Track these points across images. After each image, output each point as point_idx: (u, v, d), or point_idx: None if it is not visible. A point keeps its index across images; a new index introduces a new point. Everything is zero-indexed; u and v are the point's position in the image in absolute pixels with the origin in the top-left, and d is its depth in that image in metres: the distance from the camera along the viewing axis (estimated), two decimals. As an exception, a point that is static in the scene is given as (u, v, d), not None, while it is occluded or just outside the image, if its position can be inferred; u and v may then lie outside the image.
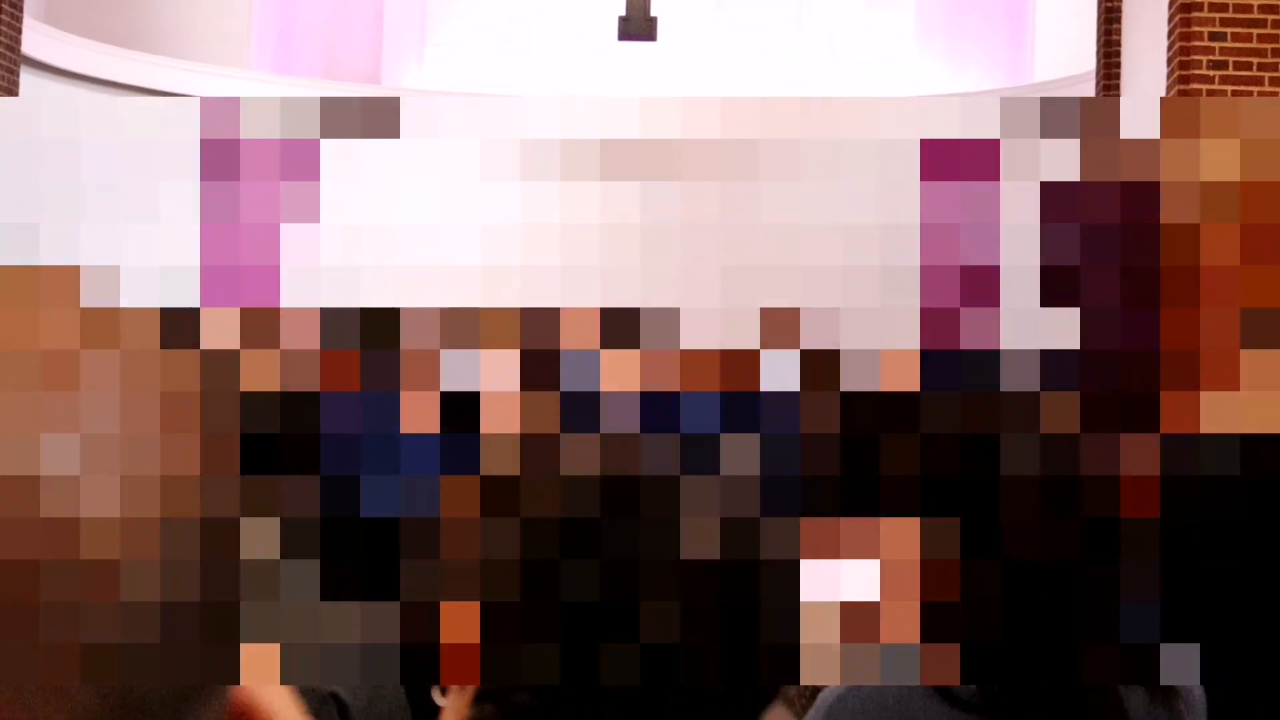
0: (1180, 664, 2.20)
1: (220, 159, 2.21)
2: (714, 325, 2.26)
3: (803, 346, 2.27)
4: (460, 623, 2.10)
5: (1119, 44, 14.94)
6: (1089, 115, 2.28)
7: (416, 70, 17.63)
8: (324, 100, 2.23)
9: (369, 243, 2.21)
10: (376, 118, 2.22)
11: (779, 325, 2.27)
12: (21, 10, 14.44)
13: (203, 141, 2.21)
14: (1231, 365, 2.26)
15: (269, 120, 2.22)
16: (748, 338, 2.26)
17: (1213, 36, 12.00)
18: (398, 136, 2.21)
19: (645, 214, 2.25)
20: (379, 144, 2.22)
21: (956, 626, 2.19)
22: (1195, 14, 12.00)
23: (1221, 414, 2.27)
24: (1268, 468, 2.27)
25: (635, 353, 2.23)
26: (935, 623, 2.18)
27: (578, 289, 2.25)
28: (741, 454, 2.22)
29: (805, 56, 17.61)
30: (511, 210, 2.24)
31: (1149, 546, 2.19)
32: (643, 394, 2.23)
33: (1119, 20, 14.99)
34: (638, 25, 16.64)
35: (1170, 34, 12.30)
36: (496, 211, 2.24)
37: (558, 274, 2.24)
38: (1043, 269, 2.28)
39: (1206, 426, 2.27)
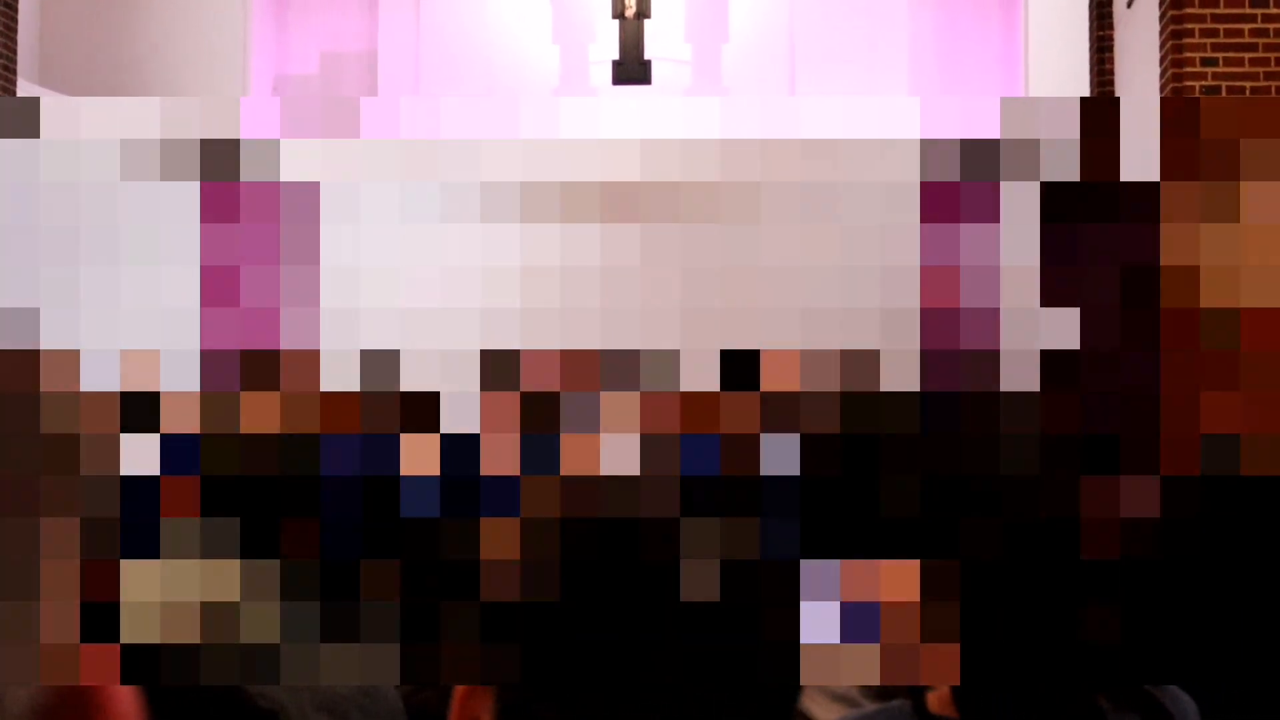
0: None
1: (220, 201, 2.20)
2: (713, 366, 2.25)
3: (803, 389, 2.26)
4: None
5: (1112, 72, 14.96)
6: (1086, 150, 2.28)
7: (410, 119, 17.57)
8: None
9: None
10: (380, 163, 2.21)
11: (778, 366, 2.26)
12: (15, 72, 14.49)
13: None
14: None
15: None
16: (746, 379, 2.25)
17: (1205, 62, 12.01)
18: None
19: (646, 255, 2.24)
20: (378, 186, 2.22)
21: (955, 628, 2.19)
22: (1187, 40, 12.03)
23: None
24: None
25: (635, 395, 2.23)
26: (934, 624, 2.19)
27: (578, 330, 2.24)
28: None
29: (798, 104, 17.63)
30: (503, 252, 2.23)
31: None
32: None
33: (1111, 49, 15.02)
34: (632, 69, 16.68)
35: (1163, 61, 12.32)
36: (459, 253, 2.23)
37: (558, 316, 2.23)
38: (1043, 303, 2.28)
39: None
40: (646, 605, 2.16)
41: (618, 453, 2.20)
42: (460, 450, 2.19)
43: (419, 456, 2.18)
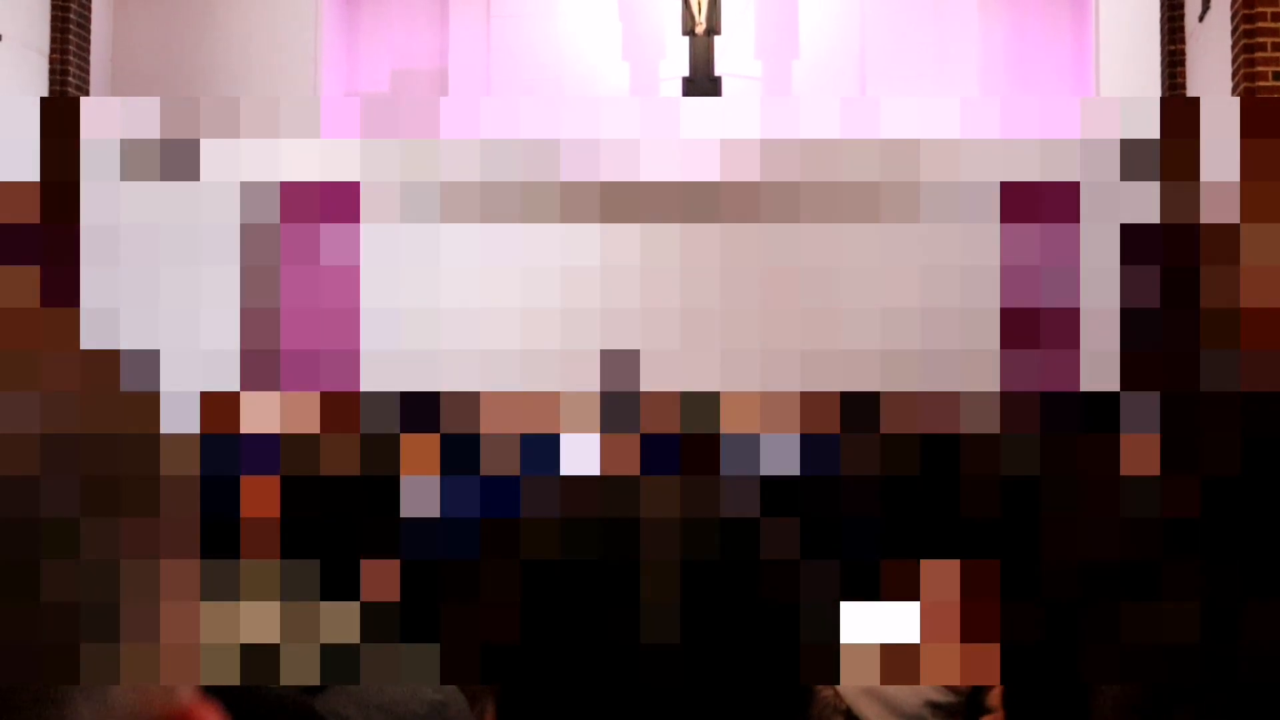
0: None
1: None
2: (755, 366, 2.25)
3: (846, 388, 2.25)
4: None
5: (1184, 85, 14.89)
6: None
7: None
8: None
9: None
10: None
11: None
12: (87, 94, 14.64)
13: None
14: None
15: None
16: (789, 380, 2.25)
17: (1277, 76, 11.94)
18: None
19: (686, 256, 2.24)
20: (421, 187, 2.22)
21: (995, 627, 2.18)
22: (1259, 54, 11.96)
23: None
24: None
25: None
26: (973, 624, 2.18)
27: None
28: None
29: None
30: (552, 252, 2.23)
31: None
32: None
33: (1182, 62, 14.95)
34: (702, 86, 16.67)
35: (1235, 75, 12.25)
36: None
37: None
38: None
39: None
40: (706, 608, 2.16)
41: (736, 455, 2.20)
42: (540, 449, 2.20)
43: (500, 458, 2.18)
